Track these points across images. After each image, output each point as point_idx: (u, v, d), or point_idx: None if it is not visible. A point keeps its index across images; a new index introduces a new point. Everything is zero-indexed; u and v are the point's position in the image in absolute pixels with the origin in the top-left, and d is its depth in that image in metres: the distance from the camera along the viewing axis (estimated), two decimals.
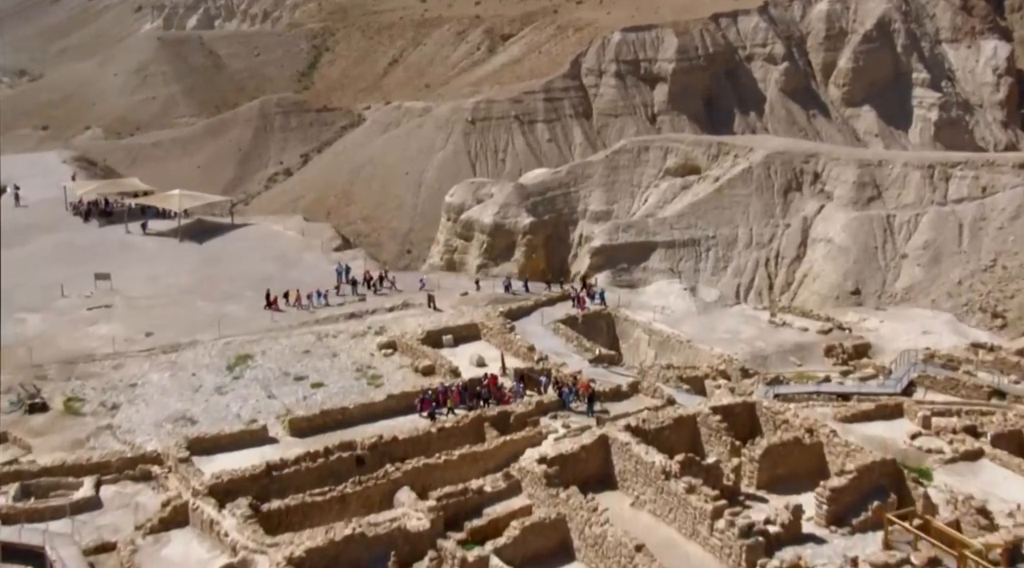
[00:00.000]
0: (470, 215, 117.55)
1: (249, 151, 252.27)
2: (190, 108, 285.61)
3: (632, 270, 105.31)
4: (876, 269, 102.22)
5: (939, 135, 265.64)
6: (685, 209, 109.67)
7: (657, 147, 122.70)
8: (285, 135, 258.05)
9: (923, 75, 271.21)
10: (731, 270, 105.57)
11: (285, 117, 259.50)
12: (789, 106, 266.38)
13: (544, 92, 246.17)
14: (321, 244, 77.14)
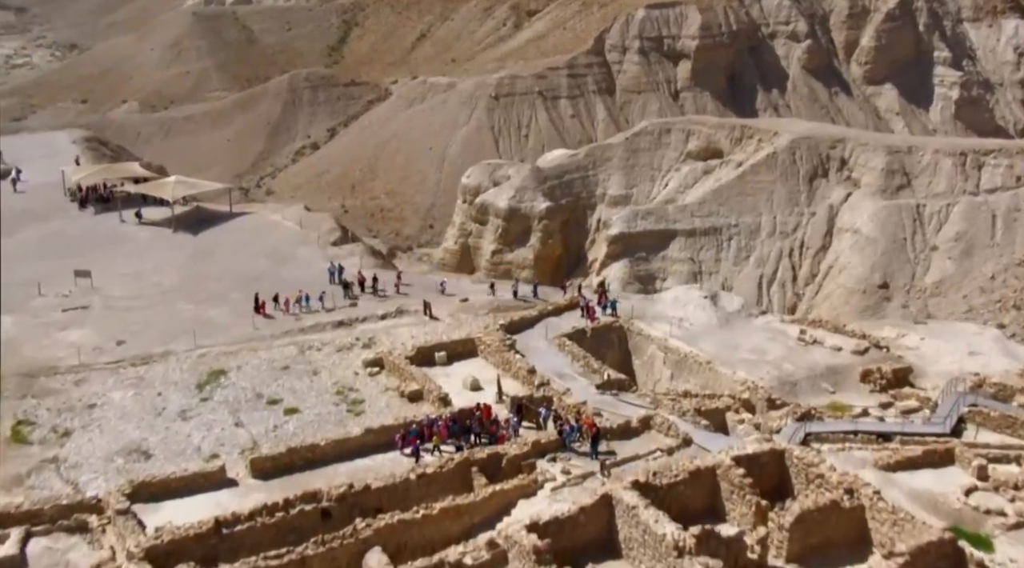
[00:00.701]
0: (485, 199, 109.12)
1: (278, 125, 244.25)
2: (222, 82, 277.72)
3: (651, 259, 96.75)
4: (905, 262, 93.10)
5: (960, 114, 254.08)
6: (707, 196, 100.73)
7: (679, 129, 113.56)
8: (313, 109, 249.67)
9: (944, 54, 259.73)
10: (753, 260, 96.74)
11: (313, 91, 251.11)
12: (811, 84, 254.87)
13: (568, 68, 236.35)
14: (318, 237, 69.01)
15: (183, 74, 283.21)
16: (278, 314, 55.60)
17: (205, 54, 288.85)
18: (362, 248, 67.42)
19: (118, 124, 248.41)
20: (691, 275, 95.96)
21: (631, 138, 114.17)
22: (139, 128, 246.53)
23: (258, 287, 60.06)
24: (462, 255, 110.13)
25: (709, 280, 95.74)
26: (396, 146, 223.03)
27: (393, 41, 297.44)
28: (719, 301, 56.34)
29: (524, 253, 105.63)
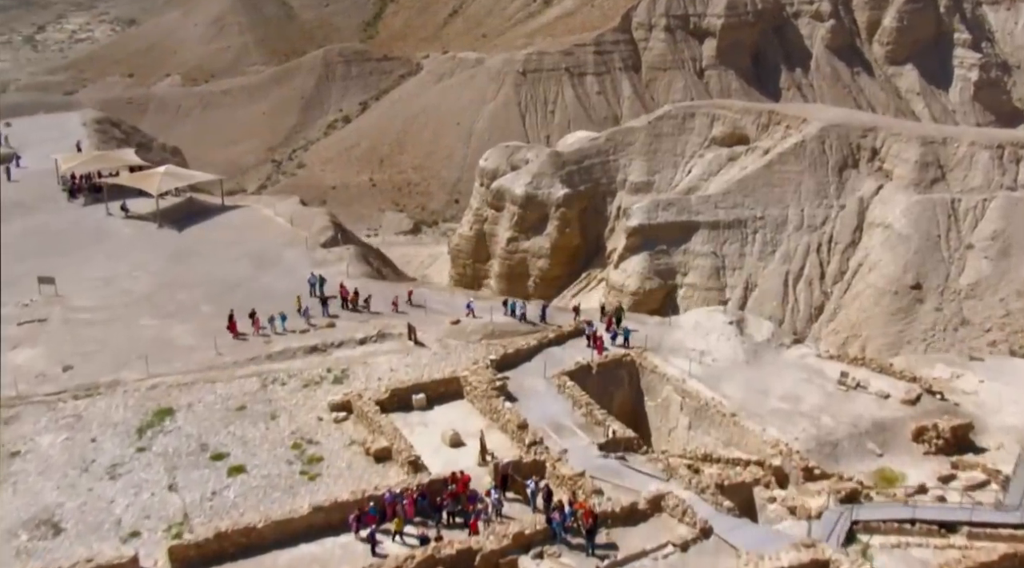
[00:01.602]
0: (501, 184, 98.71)
1: (311, 99, 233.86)
2: (261, 57, 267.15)
3: (672, 252, 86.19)
4: (939, 260, 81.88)
5: (978, 95, 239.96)
6: (731, 186, 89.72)
7: (703, 114, 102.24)
8: (346, 83, 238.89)
9: (964, 35, 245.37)
10: (779, 255, 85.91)
11: (347, 66, 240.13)
12: (834, 63, 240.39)
13: (595, 45, 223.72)
14: (307, 239, 59.10)
15: (224, 49, 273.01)
16: (251, 332, 46.23)
17: (246, 29, 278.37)
18: (353, 252, 57.27)
19: (159, 98, 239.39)
20: (714, 270, 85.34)
21: (654, 122, 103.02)
22: (179, 101, 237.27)
23: (235, 297, 50.70)
24: (477, 242, 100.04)
25: (733, 275, 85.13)
26: (424, 121, 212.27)
27: (426, 16, 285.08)
28: (746, 328, 45.96)
29: (540, 242, 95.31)
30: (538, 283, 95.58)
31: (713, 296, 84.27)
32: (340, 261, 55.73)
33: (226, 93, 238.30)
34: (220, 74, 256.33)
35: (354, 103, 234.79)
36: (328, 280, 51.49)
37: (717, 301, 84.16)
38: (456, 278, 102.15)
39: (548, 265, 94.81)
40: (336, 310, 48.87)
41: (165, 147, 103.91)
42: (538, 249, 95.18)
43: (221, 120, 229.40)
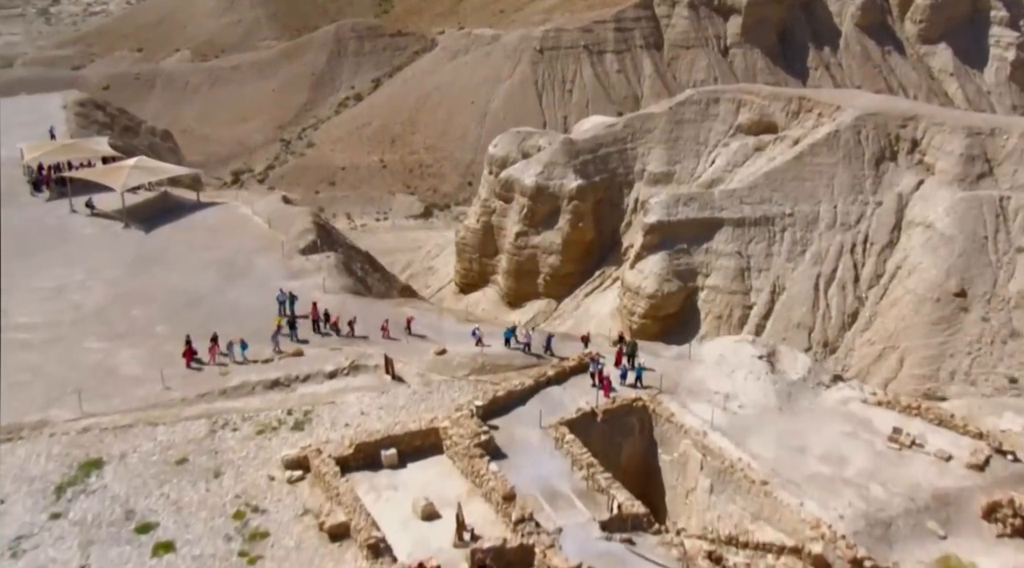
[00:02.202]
0: (510, 173, 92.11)
1: (322, 75, 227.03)
2: (272, 31, 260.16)
3: (693, 252, 79.50)
4: (985, 265, 74.78)
5: (1015, 75, 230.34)
6: (758, 179, 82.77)
7: (728, 99, 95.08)
8: (358, 60, 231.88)
9: (1001, 13, 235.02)
10: (810, 256, 79.05)
11: (359, 41, 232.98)
12: (864, 42, 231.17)
13: (615, 22, 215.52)
14: (284, 244, 52.81)
15: (235, 23, 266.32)
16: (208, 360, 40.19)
17: (257, 3, 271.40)
18: (333, 262, 50.88)
19: (167, 74, 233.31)
20: (738, 271, 78.60)
21: (675, 108, 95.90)
22: (188, 77, 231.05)
23: (195, 315, 44.69)
24: (484, 235, 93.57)
25: (759, 278, 78.38)
26: (438, 99, 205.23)
27: None
28: (778, 363, 39.41)
29: (551, 237, 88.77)
30: (548, 281, 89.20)
31: (737, 300, 77.66)
32: (318, 271, 49.52)
33: (235, 69, 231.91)
34: (230, 49, 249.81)
35: (366, 80, 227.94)
36: (302, 296, 45.46)
37: (741, 305, 77.65)
38: (462, 273, 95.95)
39: (559, 262, 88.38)
40: (307, 333, 42.79)
41: (155, 131, 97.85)
42: (549, 244, 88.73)
43: (230, 97, 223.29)
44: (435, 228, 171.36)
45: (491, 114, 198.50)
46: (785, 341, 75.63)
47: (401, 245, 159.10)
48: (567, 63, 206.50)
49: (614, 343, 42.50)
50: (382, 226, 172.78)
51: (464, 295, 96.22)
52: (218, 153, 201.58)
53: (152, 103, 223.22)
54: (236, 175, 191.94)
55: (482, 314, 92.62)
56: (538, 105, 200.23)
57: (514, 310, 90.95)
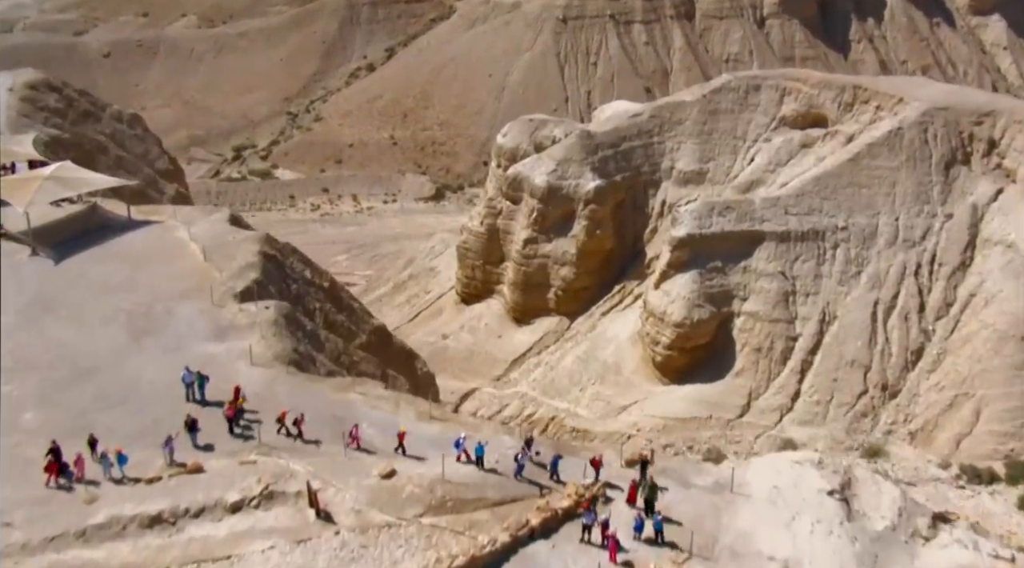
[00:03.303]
0: (519, 171, 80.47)
1: (333, 44, 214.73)
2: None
3: (728, 271, 67.83)
4: None
5: None
6: (806, 185, 70.69)
7: (771, 86, 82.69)
8: (371, 27, 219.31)
9: None
10: (866, 278, 67.15)
11: (372, 8, 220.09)
12: (911, 13, 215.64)
13: None
14: (217, 285, 41.64)
15: None
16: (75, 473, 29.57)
17: None
18: (274, 313, 39.53)
19: (172, 40, 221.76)
20: (781, 295, 66.84)
21: (709, 96, 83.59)
22: (193, 44, 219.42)
23: (79, 396, 33.93)
24: (489, 240, 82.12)
25: (806, 303, 66.63)
26: (453, 71, 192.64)
27: None
28: (855, 498, 28.06)
29: (564, 245, 77.25)
30: (560, 296, 77.86)
31: (779, 330, 66.03)
32: (252, 329, 38.46)
33: (242, 36, 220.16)
34: (238, 15, 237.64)
35: (379, 50, 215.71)
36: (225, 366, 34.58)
37: (784, 336, 66.00)
38: (463, 281, 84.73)
39: (573, 274, 76.92)
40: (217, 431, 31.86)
41: (121, 116, 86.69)
42: (561, 254, 77.24)
43: (235, 66, 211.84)
44: (446, 212, 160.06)
45: (509, 88, 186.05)
46: (836, 382, 64.15)
47: (408, 230, 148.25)
48: (591, 34, 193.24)
49: (628, 463, 31.04)
50: (389, 209, 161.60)
51: (466, 305, 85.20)
52: (220, 127, 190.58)
53: (154, 72, 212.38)
54: (238, 151, 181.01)
55: (484, 330, 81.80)
56: (560, 79, 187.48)
57: (520, 327, 79.90)
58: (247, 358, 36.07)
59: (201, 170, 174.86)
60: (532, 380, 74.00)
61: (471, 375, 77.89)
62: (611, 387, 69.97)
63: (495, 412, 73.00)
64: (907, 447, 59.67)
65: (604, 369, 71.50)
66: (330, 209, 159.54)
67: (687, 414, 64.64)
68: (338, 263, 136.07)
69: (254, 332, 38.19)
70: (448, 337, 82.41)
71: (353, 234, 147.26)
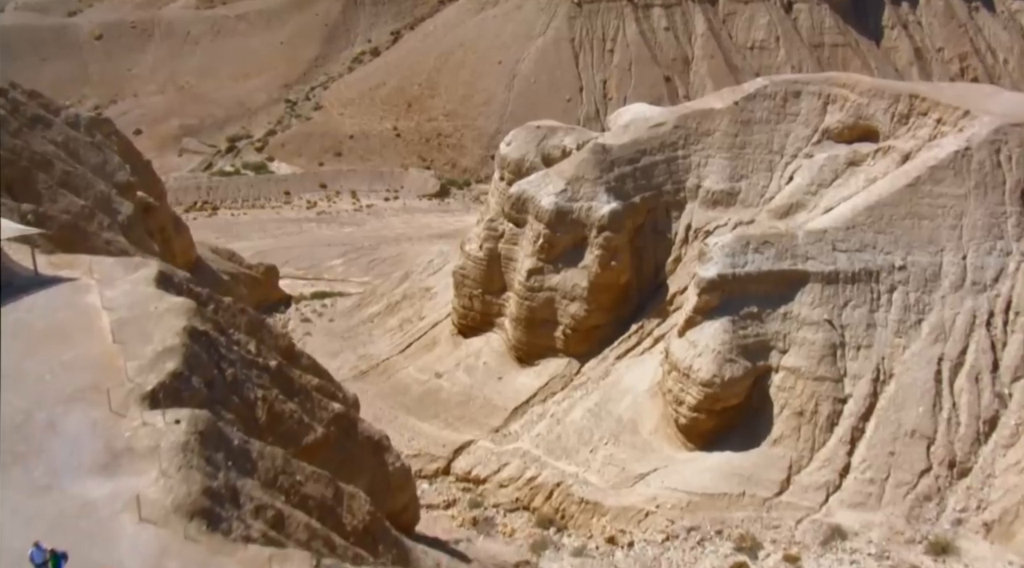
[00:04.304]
0: (524, 189, 70.59)
1: (336, 27, 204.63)
2: None
3: (765, 318, 57.94)
4: None
5: None
6: (857, 215, 60.54)
7: (812, 93, 72.44)
8: (377, 9, 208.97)
9: None
10: (928, 329, 57.12)
11: None
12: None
13: None
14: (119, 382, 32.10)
15: None
16: None
17: None
18: (184, 431, 29.91)
19: (167, 22, 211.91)
20: (828, 348, 56.87)
21: (742, 103, 73.36)
22: (189, 27, 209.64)
23: None
24: (489, 267, 72.34)
25: (856, 358, 56.67)
26: (461, 58, 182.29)
27: None
28: None
29: (574, 277, 67.41)
30: (569, 335, 68.15)
31: (826, 389, 56.16)
32: (153, 457, 28.99)
33: (241, 18, 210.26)
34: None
35: (385, 33, 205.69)
36: (106, 519, 25.11)
37: (831, 398, 56.11)
38: (460, 311, 75.16)
39: (584, 311, 67.12)
40: None
41: (77, 121, 76.61)
42: (570, 288, 67.44)
43: (233, 50, 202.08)
44: (451, 211, 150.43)
45: (520, 76, 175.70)
46: (893, 457, 54.28)
47: (410, 231, 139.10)
48: (608, 18, 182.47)
49: None
50: (391, 207, 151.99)
51: (463, 338, 75.70)
52: (215, 115, 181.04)
53: (148, 56, 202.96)
54: (232, 142, 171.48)
55: (483, 369, 72.44)
56: (574, 66, 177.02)
57: (523, 368, 70.34)
58: (135, 510, 26.55)
59: (193, 163, 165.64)
60: (535, 435, 64.50)
61: (466, 424, 68.55)
62: (626, 449, 60.39)
63: (492, 472, 63.71)
64: (981, 542, 49.89)
65: (618, 426, 61.90)
66: (327, 207, 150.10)
67: (715, 489, 55.01)
68: (333, 268, 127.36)
69: (154, 462, 28.64)
70: (442, 376, 73.02)
71: (351, 235, 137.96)
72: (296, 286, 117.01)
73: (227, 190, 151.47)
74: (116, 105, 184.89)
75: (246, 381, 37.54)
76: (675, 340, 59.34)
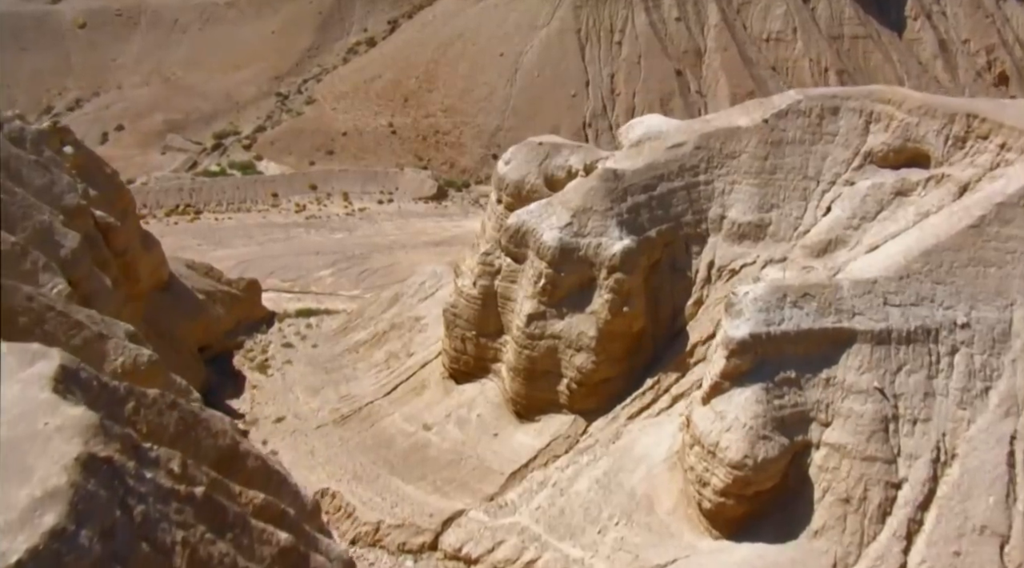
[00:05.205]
0: (524, 221, 62.03)
1: (330, 15, 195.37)
2: None
3: (804, 384, 49.55)
4: None
5: None
6: (912, 262, 52.09)
7: (852, 110, 63.74)
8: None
9: None
10: (998, 399, 48.73)
11: None
12: None
13: None
14: None
15: None
16: None
17: None
18: None
19: (154, 9, 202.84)
20: (878, 421, 48.55)
21: (772, 121, 64.72)
22: (176, 15, 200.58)
23: None
24: (484, 306, 63.98)
25: (912, 434, 48.39)
26: (460, 49, 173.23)
27: None
28: None
29: (580, 324, 58.99)
30: (574, 390, 59.78)
31: (876, 472, 47.79)
32: None
33: (231, 5, 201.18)
34: None
35: (382, 22, 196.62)
36: None
37: (883, 482, 47.72)
38: (452, 355, 66.83)
39: (592, 363, 58.66)
40: None
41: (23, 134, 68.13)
42: (576, 336, 59.00)
43: (222, 39, 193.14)
44: (449, 215, 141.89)
45: (523, 70, 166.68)
46: (959, 557, 45.89)
47: (404, 237, 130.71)
48: (616, 8, 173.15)
49: None
50: (385, 211, 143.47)
51: (455, 383, 67.46)
52: (201, 109, 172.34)
53: (134, 45, 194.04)
54: (219, 139, 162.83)
55: (477, 423, 64.33)
56: (580, 59, 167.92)
57: (522, 424, 62.08)
58: None
59: (176, 161, 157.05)
60: (535, 508, 56.22)
61: (457, 488, 60.33)
62: (640, 532, 52.09)
63: (486, 551, 55.50)
64: None
65: (631, 503, 53.60)
66: (317, 211, 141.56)
67: None
68: (322, 280, 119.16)
69: None
70: (431, 429, 64.77)
71: (341, 242, 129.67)
72: (281, 300, 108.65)
73: (211, 192, 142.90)
74: (99, 98, 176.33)
75: (161, 520, 29.21)
76: (698, 408, 50.90)
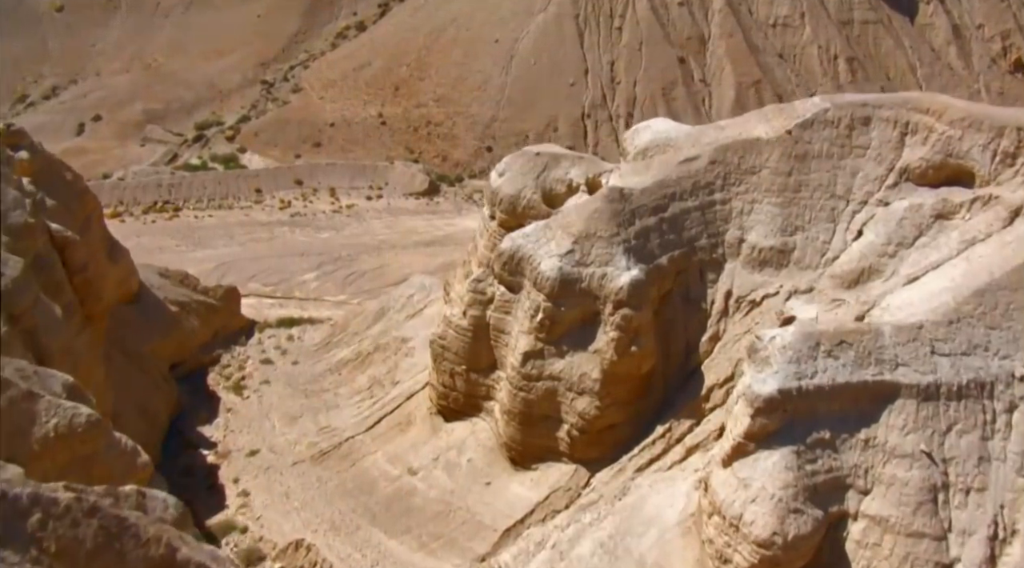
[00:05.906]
0: (519, 247, 55.51)
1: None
2: None
3: (840, 446, 43.30)
4: None
5: None
6: (963, 304, 45.75)
7: (885, 120, 57.14)
8: None
9: None
10: None
11: None
12: None
13: None
14: None
15: None
16: None
17: None
18: None
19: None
20: (926, 490, 42.41)
21: (796, 132, 58.16)
22: None
23: None
24: (475, 339, 57.59)
25: (965, 505, 42.30)
26: (454, 35, 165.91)
27: None
28: None
29: (583, 364, 52.62)
30: (576, 437, 53.48)
31: (924, 550, 41.60)
32: None
33: None
34: None
35: (372, 5, 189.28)
36: None
37: (932, 562, 41.54)
38: (440, 390, 60.49)
39: (595, 408, 52.31)
40: None
41: None
42: (578, 378, 52.62)
43: (206, 24, 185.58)
44: (440, 212, 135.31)
45: (519, 57, 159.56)
46: None
47: (394, 237, 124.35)
48: None
49: None
50: (373, 208, 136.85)
51: (444, 421, 61.22)
52: (183, 98, 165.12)
53: (113, 30, 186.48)
54: (201, 130, 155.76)
55: (467, 469, 58.27)
56: (578, 46, 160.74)
57: (518, 471, 55.87)
58: None
59: (156, 154, 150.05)
60: None
61: (445, 546, 54.12)
62: None
63: None
64: None
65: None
66: (303, 208, 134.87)
67: None
68: (306, 284, 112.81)
69: None
70: (417, 473, 58.59)
71: (327, 242, 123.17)
72: (262, 307, 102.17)
73: (191, 188, 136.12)
74: (76, 85, 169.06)
75: None
76: (718, 472, 44.60)
